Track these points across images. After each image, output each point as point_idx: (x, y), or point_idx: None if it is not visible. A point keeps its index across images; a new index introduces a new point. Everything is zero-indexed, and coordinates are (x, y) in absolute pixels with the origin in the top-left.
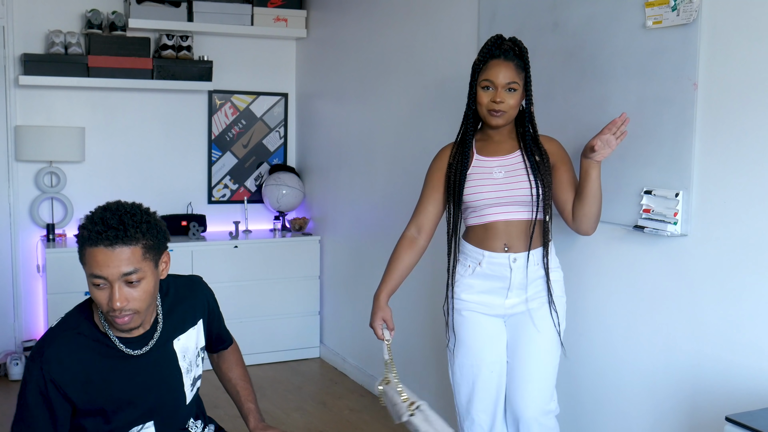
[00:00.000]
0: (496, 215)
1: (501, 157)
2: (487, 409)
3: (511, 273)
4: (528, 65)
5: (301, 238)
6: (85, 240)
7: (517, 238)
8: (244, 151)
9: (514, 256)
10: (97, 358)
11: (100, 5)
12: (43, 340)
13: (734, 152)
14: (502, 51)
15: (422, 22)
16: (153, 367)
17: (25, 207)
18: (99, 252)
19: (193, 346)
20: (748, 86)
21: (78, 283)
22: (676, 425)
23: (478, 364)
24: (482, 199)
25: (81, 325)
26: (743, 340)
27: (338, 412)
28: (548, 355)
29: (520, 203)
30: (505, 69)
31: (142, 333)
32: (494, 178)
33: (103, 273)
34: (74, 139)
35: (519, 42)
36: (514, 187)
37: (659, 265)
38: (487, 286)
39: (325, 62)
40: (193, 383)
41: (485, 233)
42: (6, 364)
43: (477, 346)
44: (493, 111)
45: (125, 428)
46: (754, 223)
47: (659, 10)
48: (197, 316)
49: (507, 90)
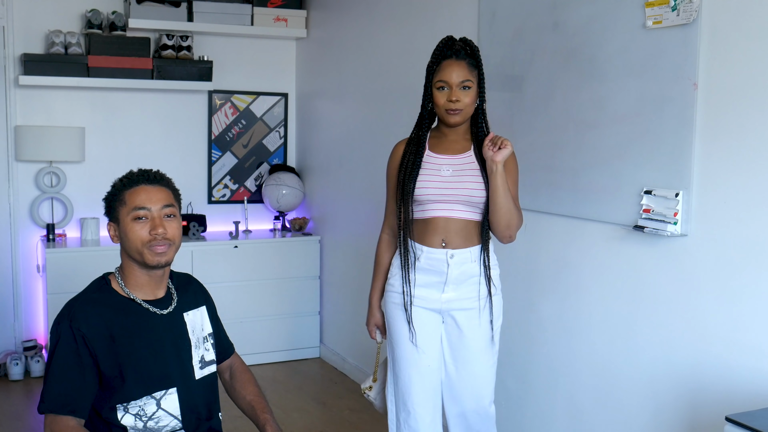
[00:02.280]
0: (437, 211)
1: (452, 155)
2: (424, 403)
3: (447, 268)
4: (480, 63)
5: (301, 238)
6: (123, 186)
7: (456, 235)
8: (244, 151)
9: (451, 252)
10: (121, 316)
11: (100, 5)
12: (68, 305)
13: (734, 152)
14: (453, 51)
15: (422, 22)
16: (171, 329)
17: (25, 207)
18: (141, 189)
19: (200, 327)
20: (748, 86)
21: (78, 283)
22: (676, 425)
23: (417, 356)
24: (426, 194)
25: (103, 290)
26: (743, 340)
27: (338, 412)
28: (485, 353)
29: (463, 202)
30: (458, 68)
31: (161, 297)
32: (441, 175)
33: (146, 204)
34: (74, 139)
35: (470, 41)
36: (459, 186)
37: (659, 265)
38: (425, 280)
39: (325, 62)
40: (201, 362)
41: (425, 228)
42: (6, 364)
43: (419, 338)
44: (450, 110)
45: (148, 390)
46: (754, 223)
47: (659, 10)
48: (200, 302)
49: (461, 88)
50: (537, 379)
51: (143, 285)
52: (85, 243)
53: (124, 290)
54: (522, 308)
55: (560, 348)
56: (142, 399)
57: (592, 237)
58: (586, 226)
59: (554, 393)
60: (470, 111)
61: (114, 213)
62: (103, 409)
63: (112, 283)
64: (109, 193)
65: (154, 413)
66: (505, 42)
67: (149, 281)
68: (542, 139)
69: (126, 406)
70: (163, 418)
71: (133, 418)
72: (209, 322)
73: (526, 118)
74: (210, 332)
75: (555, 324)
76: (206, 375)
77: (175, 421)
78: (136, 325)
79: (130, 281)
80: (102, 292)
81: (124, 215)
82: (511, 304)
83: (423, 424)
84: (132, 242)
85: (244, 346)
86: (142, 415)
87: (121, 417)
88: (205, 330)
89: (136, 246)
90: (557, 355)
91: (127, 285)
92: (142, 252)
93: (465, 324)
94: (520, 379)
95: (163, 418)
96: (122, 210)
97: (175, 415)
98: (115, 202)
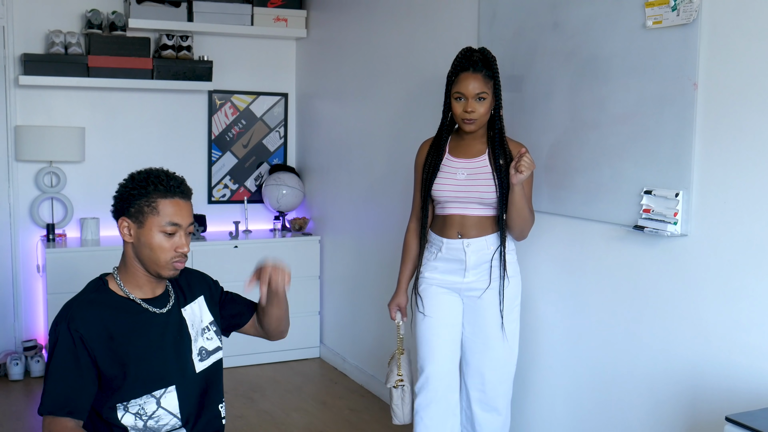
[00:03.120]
0: (454, 210)
1: (467, 159)
2: (440, 369)
3: (465, 256)
4: (497, 73)
5: (301, 238)
6: (158, 192)
7: (470, 228)
8: (244, 151)
9: (467, 241)
10: (119, 316)
11: (100, 5)
12: (65, 306)
13: (734, 152)
14: (471, 63)
15: (422, 22)
16: (169, 327)
17: (25, 207)
18: (176, 203)
19: (198, 319)
20: (748, 86)
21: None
22: (676, 425)
23: (437, 325)
24: (443, 195)
25: (100, 291)
26: (743, 340)
27: (338, 412)
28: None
29: (477, 202)
30: (473, 81)
31: (159, 295)
32: (457, 178)
33: (179, 221)
34: (74, 139)
35: (487, 52)
36: (473, 188)
37: (659, 265)
38: (447, 267)
39: (325, 62)
40: (199, 354)
41: (444, 223)
42: (6, 364)
43: (436, 312)
44: (466, 120)
45: (147, 389)
46: (754, 223)
47: (659, 10)
48: (196, 293)
49: (477, 99)
50: (537, 379)
51: (143, 285)
52: (85, 243)
53: (122, 290)
54: (522, 308)
55: (560, 348)
56: (142, 398)
57: (592, 237)
58: (586, 226)
59: (554, 393)
60: (485, 120)
61: (138, 214)
62: (104, 408)
63: (110, 283)
64: (133, 190)
65: (154, 412)
66: (505, 42)
67: (149, 282)
68: (542, 139)
69: (126, 405)
70: (163, 417)
71: (134, 417)
72: (208, 311)
73: (526, 118)
74: (211, 320)
75: (555, 324)
76: (208, 366)
77: (175, 420)
78: (134, 324)
79: (130, 281)
80: (100, 293)
81: (152, 224)
82: None
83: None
84: (155, 254)
85: (244, 346)
86: (142, 414)
87: (121, 416)
88: (204, 321)
89: (156, 258)
90: (557, 355)
91: (126, 285)
92: (161, 266)
93: (482, 303)
94: (520, 379)
95: (163, 417)
96: (153, 218)
97: (174, 413)
98: (143, 204)
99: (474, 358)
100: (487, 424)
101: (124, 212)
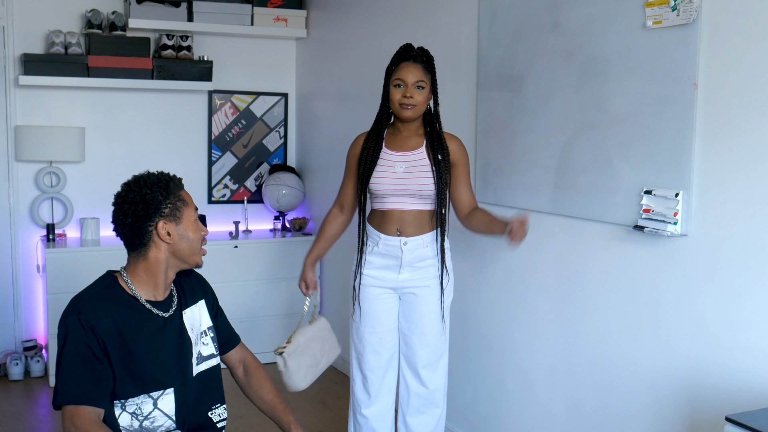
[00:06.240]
0: (393, 204)
1: (405, 152)
2: (376, 369)
3: (402, 254)
4: (434, 69)
5: (301, 238)
6: (177, 186)
7: (409, 225)
8: (244, 151)
9: (405, 239)
10: (127, 313)
11: (100, 5)
12: (74, 299)
13: (734, 152)
14: (411, 55)
15: (422, 22)
16: (172, 330)
17: (25, 207)
18: (186, 193)
19: (198, 322)
20: (748, 86)
21: (78, 283)
22: (676, 425)
23: (372, 331)
24: (382, 189)
25: (110, 286)
26: (743, 340)
27: (338, 412)
28: (437, 325)
29: (416, 196)
30: (414, 69)
31: (163, 299)
32: (395, 171)
33: (197, 208)
34: (74, 139)
35: (426, 50)
36: (412, 181)
37: (659, 265)
38: (383, 263)
39: (325, 62)
40: (198, 358)
41: (382, 218)
42: (6, 364)
43: (373, 316)
44: (404, 104)
45: (146, 389)
46: (754, 223)
47: (659, 10)
48: (198, 296)
49: (416, 87)
50: (537, 379)
51: (152, 287)
52: (85, 243)
53: (130, 289)
54: (522, 308)
55: (560, 348)
56: (139, 397)
57: (592, 237)
58: (586, 226)
59: (554, 393)
60: (422, 109)
61: (174, 211)
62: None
63: (118, 280)
64: (157, 194)
65: (150, 413)
66: (505, 42)
67: (159, 284)
68: (542, 139)
69: (123, 403)
70: (159, 419)
71: (130, 417)
72: (208, 315)
73: (526, 118)
74: (209, 326)
75: (555, 324)
76: (204, 370)
77: (170, 422)
78: (140, 324)
79: (141, 281)
80: (109, 288)
81: (188, 215)
82: (511, 303)
83: (374, 386)
84: (194, 243)
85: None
86: (138, 414)
87: (118, 415)
88: (203, 324)
89: (195, 247)
90: (557, 355)
91: (134, 284)
92: (197, 253)
93: (419, 301)
94: (520, 378)
95: (159, 419)
96: (185, 210)
97: (170, 415)
98: (174, 201)
99: (410, 353)
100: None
101: (157, 215)
